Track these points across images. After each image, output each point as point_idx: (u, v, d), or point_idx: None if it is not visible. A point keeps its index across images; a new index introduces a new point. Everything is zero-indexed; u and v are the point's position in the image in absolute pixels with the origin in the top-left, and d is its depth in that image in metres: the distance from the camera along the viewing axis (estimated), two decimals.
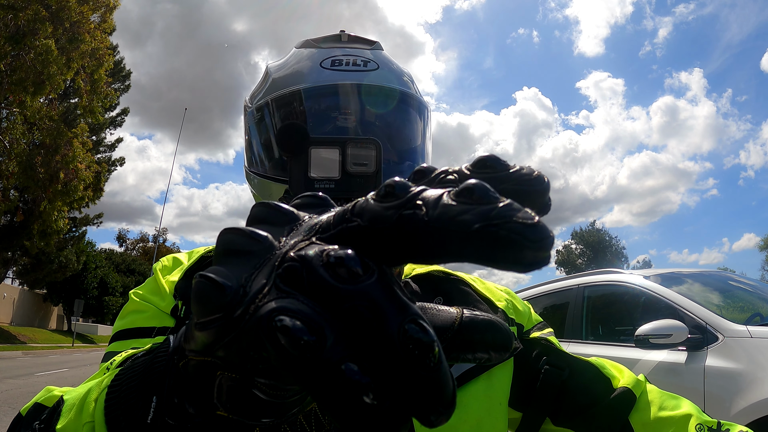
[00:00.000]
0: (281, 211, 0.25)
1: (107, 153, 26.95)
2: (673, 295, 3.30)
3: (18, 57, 14.05)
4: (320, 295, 0.20)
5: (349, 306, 0.19)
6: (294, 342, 0.19)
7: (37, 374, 10.91)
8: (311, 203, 0.27)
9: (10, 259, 23.34)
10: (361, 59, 0.73)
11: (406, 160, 0.74)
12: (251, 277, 0.22)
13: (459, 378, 0.61)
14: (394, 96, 0.73)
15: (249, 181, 0.76)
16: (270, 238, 0.23)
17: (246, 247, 0.23)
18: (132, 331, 0.63)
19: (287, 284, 0.21)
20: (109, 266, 34.65)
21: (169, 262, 0.72)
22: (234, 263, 0.23)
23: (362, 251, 0.21)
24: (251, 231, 0.24)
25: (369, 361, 0.19)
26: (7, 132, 15.61)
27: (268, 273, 0.22)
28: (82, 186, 16.55)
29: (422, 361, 0.19)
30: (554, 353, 0.69)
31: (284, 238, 0.24)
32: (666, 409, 0.64)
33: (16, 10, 13.40)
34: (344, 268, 0.20)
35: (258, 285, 0.22)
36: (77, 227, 26.54)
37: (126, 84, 27.42)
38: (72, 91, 19.80)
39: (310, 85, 0.71)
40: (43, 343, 22.91)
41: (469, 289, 0.72)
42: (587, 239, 34.35)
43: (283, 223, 0.25)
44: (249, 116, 0.77)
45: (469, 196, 0.19)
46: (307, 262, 0.20)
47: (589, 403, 0.65)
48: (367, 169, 0.62)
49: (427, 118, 0.78)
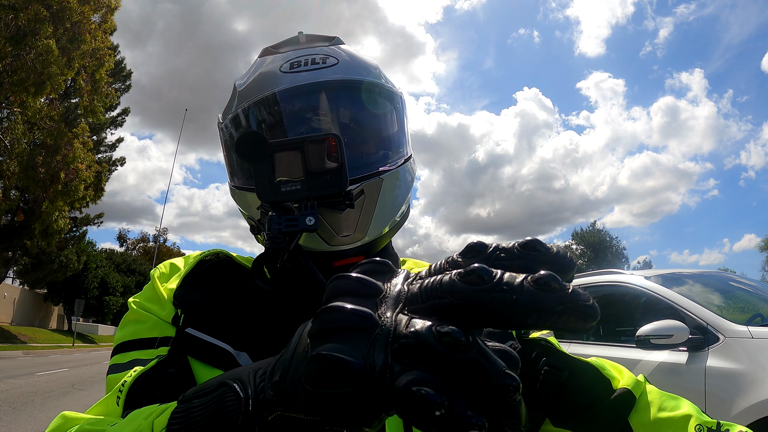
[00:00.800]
0: (366, 284, 0.30)
1: (108, 153, 27.02)
2: (674, 295, 3.30)
3: (19, 57, 14.05)
4: (437, 364, 0.25)
5: (462, 370, 0.25)
6: (431, 406, 0.24)
7: (38, 374, 10.92)
8: (377, 270, 0.32)
9: (10, 258, 23.36)
10: (319, 57, 0.73)
11: (381, 149, 0.74)
12: (370, 352, 0.27)
13: None
14: (357, 87, 0.72)
15: (232, 195, 0.77)
16: (374, 316, 0.28)
17: (354, 324, 0.28)
18: (134, 343, 0.63)
19: (406, 357, 0.26)
20: (110, 266, 34.71)
21: (166, 269, 0.72)
22: (347, 340, 0.27)
23: (455, 323, 0.26)
24: (355, 310, 0.28)
25: (478, 406, 0.25)
26: (8, 132, 15.63)
27: (383, 347, 0.27)
28: (83, 186, 16.56)
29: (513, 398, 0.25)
30: (554, 354, 0.69)
31: (378, 310, 0.28)
32: (665, 410, 0.64)
33: (17, 10, 13.41)
34: (452, 339, 0.25)
35: (380, 359, 0.26)
36: (78, 227, 26.57)
37: (127, 84, 27.46)
38: (73, 91, 19.82)
39: (270, 92, 0.71)
40: (43, 343, 22.93)
41: None
42: (588, 240, 34.35)
43: (370, 295, 0.29)
44: (222, 132, 0.77)
45: (547, 284, 0.26)
46: (421, 337, 0.26)
47: (588, 404, 0.65)
48: (329, 165, 0.61)
49: (401, 105, 0.78)
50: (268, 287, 0.66)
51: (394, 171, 0.72)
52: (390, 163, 0.73)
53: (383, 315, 0.28)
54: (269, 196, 0.61)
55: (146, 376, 0.58)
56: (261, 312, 0.65)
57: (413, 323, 0.26)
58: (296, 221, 0.60)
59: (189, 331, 0.61)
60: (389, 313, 0.28)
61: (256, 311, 0.65)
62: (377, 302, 0.29)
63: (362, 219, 0.67)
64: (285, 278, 0.69)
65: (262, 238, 0.70)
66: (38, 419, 6.04)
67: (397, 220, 0.75)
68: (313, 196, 0.61)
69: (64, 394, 8.23)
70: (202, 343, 0.61)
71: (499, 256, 0.29)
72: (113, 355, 0.65)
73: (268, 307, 0.65)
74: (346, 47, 0.78)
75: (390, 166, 0.72)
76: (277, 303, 0.66)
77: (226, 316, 0.64)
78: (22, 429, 5.55)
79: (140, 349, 0.63)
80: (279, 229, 0.60)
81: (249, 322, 0.63)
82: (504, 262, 0.29)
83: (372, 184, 0.68)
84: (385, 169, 0.71)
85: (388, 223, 0.72)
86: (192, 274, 0.69)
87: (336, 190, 0.62)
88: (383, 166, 0.72)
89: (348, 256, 0.69)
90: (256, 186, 0.61)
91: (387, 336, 0.27)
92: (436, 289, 0.27)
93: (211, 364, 0.59)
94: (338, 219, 0.66)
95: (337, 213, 0.66)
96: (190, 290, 0.66)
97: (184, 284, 0.67)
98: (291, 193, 0.61)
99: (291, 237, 0.61)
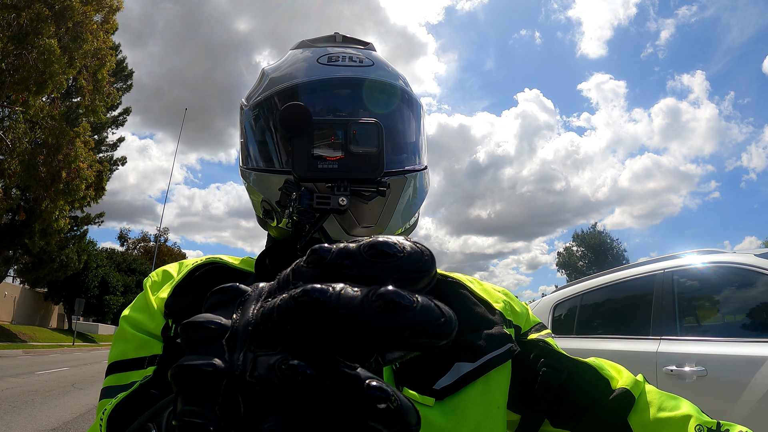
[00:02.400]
0: (208, 328, 0.26)
1: (109, 152, 27.02)
2: None
3: (21, 56, 14.07)
4: (290, 404, 0.22)
5: (320, 400, 0.22)
6: None
7: (38, 373, 10.92)
8: (223, 301, 0.28)
9: (11, 257, 23.37)
10: (357, 57, 0.74)
11: (406, 153, 0.74)
12: (223, 409, 0.23)
13: (456, 383, 0.60)
14: (391, 92, 0.73)
15: (245, 178, 0.75)
16: (216, 368, 0.24)
17: (199, 382, 0.24)
18: (124, 364, 0.62)
19: (258, 404, 0.23)
20: (110, 265, 34.70)
21: (158, 277, 0.70)
22: (197, 400, 0.24)
23: (302, 350, 0.23)
24: (195, 366, 0.24)
25: (352, 429, 0.22)
26: (10, 131, 15.63)
27: (234, 398, 0.23)
28: (84, 185, 16.56)
29: (386, 409, 0.22)
30: (552, 355, 0.69)
31: (225, 354, 0.24)
32: (665, 410, 0.64)
33: (19, 9, 13.43)
34: (298, 375, 0.22)
35: (235, 413, 0.23)
36: (78, 226, 26.58)
37: (128, 84, 27.47)
38: (74, 91, 19.81)
39: (309, 79, 0.71)
40: (43, 342, 22.92)
41: (467, 291, 0.72)
42: (588, 241, 34.26)
43: (215, 338, 0.25)
44: (246, 115, 0.76)
45: (391, 305, 0.22)
46: (266, 381, 0.22)
47: (587, 405, 0.65)
48: (369, 149, 0.62)
49: (422, 117, 0.79)
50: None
51: (418, 174, 0.72)
52: (415, 166, 0.74)
53: (231, 357, 0.24)
54: (306, 171, 0.61)
55: (126, 402, 0.56)
56: None
57: (258, 364, 0.23)
58: (328, 200, 0.60)
59: (179, 342, 0.60)
60: (236, 353, 0.24)
61: None
62: (224, 344, 0.25)
63: (384, 213, 0.67)
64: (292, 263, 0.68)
65: (275, 223, 0.69)
66: (38, 418, 6.03)
67: (410, 225, 0.75)
68: (348, 177, 0.61)
69: (64, 394, 8.22)
70: None
71: (343, 264, 0.25)
72: (106, 375, 0.64)
73: None
74: (379, 55, 0.79)
75: (415, 167, 0.73)
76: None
77: None
78: (22, 428, 5.55)
79: (130, 369, 0.61)
80: (310, 204, 0.60)
81: None
82: (349, 272, 0.24)
83: (398, 180, 0.69)
84: (410, 168, 0.72)
85: (406, 222, 0.72)
86: (184, 283, 0.67)
87: (372, 175, 0.62)
88: (409, 167, 0.73)
89: None
90: (294, 160, 0.61)
91: (235, 385, 0.23)
92: (275, 317, 0.24)
93: None
94: (362, 209, 0.66)
95: (363, 203, 0.65)
96: (182, 299, 0.65)
97: (176, 293, 0.66)
98: (327, 171, 0.61)
99: (321, 214, 0.61)
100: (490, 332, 0.66)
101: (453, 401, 0.60)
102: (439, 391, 0.59)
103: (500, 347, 0.65)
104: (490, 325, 0.67)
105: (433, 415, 0.58)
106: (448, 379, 0.60)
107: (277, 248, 0.71)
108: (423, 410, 0.58)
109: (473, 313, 0.68)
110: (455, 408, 0.59)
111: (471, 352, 0.63)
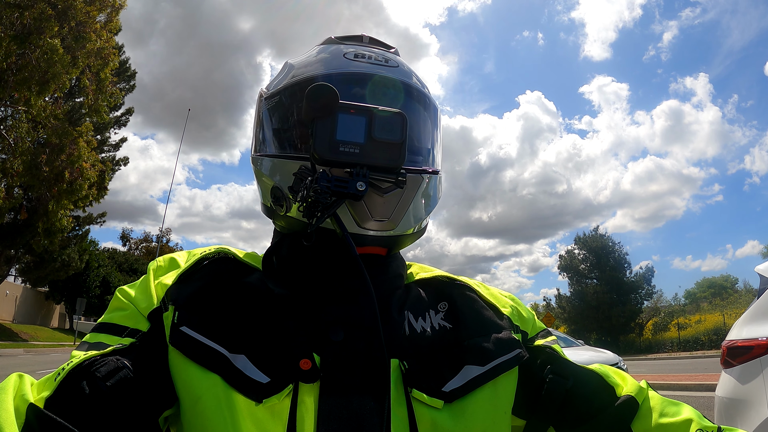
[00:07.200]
0: None
1: (111, 152, 27.05)
2: None
3: (23, 55, 14.10)
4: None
5: None
6: None
7: (39, 372, 10.91)
8: None
9: (13, 256, 23.40)
10: (383, 57, 0.74)
11: (425, 155, 0.74)
12: None
13: (465, 386, 0.60)
14: (414, 94, 0.73)
15: (257, 165, 0.74)
16: None
17: None
18: (108, 326, 0.63)
19: None
20: (112, 265, 34.74)
21: (165, 263, 0.70)
22: None
23: None
24: None
25: None
26: (12, 130, 15.67)
27: None
28: (87, 185, 16.59)
29: None
30: (558, 362, 0.69)
31: None
32: (667, 416, 0.64)
33: (23, 8, 13.45)
34: None
35: None
36: (80, 226, 26.61)
37: (131, 84, 27.52)
38: (77, 90, 19.85)
39: (335, 71, 0.70)
40: (44, 341, 22.95)
41: (475, 294, 0.72)
42: (590, 244, 34.15)
43: None
44: (265, 102, 0.76)
45: None
46: None
47: (592, 412, 0.65)
48: (392, 138, 0.61)
49: (439, 125, 0.78)
50: (277, 288, 0.64)
51: (433, 177, 0.72)
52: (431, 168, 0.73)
53: None
54: (327, 153, 0.60)
55: (94, 361, 0.56)
56: (263, 312, 0.62)
57: None
58: (347, 183, 0.60)
59: (183, 330, 0.60)
60: None
61: (257, 311, 0.62)
62: None
63: (398, 208, 0.66)
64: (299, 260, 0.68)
65: (284, 211, 0.68)
66: None
67: (420, 228, 0.74)
68: (369, 164, 0.61)
69: None
70: (195, 343, 0.59)
71: None
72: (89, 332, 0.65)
73: (272, 307, 0.63)
74: (403, 59, 0.79)
75: (434, 168, 0.73)
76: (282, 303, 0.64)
77: (224, 316, 0.62)
78: None
79: (110, 333, 0.62)
80: (328, 186, 0.59)
81: (249, 323, 0.61)
82: None
83: (415, 178, 0.68)
84: (428, 169, 0.71)
85: (417, 224, 0.71)
86: (190, 271, 0.67)
87: (393, 164, 0.62)
88: (427, 167, 0.72)
89: (370, 245, 0.68)
90: (316, 141, 0.60)
91: None
92: None
93: (203, 366, 0.57)
94: (376, 202, 0.64)
95: (378, 195, 0.64)
96: (187, 288, 0.64)
97: (181, 281, 0.65)
98: (348, 155, 0.60)
99: (337, 198, 0.61)
100: (499, 336, 0.66)
101: (461, 404, 0.60)
102: (448, 393, 0.59)
103: (509, 352, 0.65)
104: (498, 330, 0.67)
105: (442, 417, 0.58)
106: (457, 382, 0.60)
107: (284, 244, 0.70)
108: (431, 412, 0.58)
109: (482, 317, 0.68)
110: (464, 411, 0.59)
111: (480, 356, 0.63)
